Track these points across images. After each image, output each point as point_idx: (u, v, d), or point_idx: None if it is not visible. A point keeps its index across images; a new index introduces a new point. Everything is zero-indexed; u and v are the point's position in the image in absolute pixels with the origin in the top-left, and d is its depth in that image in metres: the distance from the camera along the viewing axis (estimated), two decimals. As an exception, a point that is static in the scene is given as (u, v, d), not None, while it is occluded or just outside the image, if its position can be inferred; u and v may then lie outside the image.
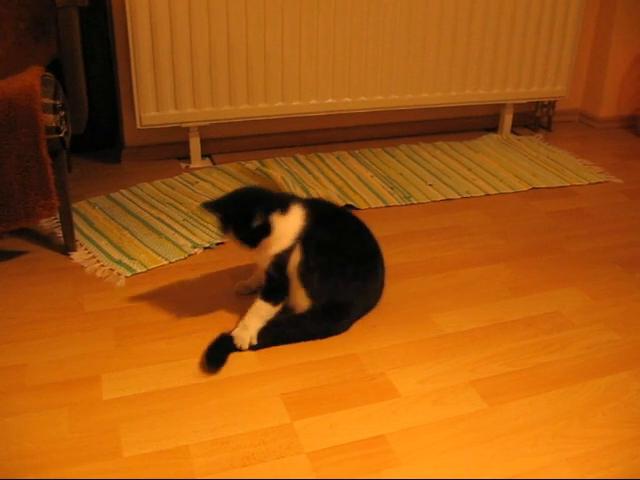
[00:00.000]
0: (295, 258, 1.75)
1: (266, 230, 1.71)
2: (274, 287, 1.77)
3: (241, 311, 1.84)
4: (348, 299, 1.81)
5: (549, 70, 3.26)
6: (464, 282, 2.10)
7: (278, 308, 1.77)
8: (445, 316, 1.92)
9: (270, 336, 1.76)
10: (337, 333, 1.82)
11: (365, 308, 1.90)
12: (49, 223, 2.37)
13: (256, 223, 1.70)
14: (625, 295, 2.05)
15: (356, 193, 2.67)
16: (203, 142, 2.96)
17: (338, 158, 3.01)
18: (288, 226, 1.75)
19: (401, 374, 1.68)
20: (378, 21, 2.88)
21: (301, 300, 1.79)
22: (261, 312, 1.75)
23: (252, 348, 1.74)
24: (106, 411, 1.53)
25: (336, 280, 1.78)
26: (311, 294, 1.77)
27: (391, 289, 2.03)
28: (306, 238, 1.75)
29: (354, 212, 2.00)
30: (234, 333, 1.74)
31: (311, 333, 1.79)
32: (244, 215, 1.71)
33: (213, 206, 1.75)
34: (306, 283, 1.76)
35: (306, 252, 1.74)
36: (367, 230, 1.89)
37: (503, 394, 1.62)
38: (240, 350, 1.72)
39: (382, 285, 1.93)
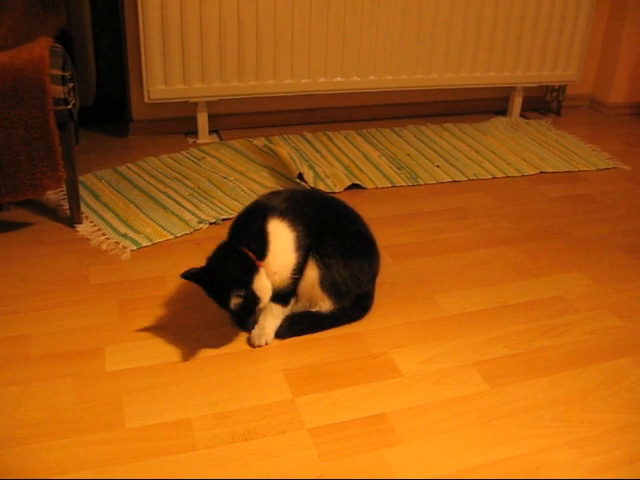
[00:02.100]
0: (311, 274, 1.68)
1: (253, 301, 1.60)
2: (284, 291, 1.70)
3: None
4: (370, 285, 1.81)
5: (560, 54, 3.24)
6: (469, 264, 2.10)
7: (289, 307, 1.73)
8: (449, 297, 1.92)
9: (298, 329, 1.73)
10: (365, 315, 1.82)
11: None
12: (55, 195, 2.37)
13: (234, 302, 1.58)
14: (629, 281, 2.05)
15: (363, 172, 2.67)
16: (211, 118, 2.95)
17: (346, 137, 3.00)
18: (282, 250, 1.64)
19: (403, 354, 1.69)
20: (389, 1, 2.86)
21: (323, 304, 1.74)
22: (274, 312, 1.70)
23: (279, 337, 1.71)
24: (109, 383, 1.54)
25: (360, 279, 1.74)
26: (338, 301, 1.74)
27: (396, 269, 2.03)
28: (314, 249, 1.67)
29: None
30: (252, 334, 1.69)
31: (342, 322, 1.77)
32: (222, 294, 1.59)
33: (192, 277, 1.62)
34: (333, 294, 1.71)
35: (323, 265, 1.67)
36: (343, 204, 1.83)
37: (505, 376, 1.62)
38: (253, 347, 1.69)
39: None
